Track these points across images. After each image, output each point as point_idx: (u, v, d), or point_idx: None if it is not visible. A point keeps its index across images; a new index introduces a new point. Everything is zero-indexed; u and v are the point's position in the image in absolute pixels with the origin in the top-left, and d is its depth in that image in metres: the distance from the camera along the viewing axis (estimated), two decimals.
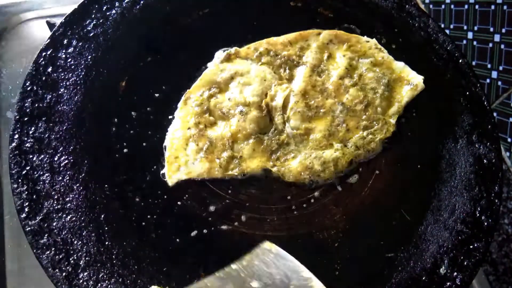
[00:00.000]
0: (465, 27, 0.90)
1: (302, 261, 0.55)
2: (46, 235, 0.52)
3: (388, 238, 0.57)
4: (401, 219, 0.58)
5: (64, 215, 0.54)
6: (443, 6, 0.96)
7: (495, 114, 0.84)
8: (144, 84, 0.62)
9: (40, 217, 0.53)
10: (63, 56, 0.61)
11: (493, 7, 0.81)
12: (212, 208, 0.57)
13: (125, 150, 0.58)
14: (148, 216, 0.55)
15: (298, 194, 0.59)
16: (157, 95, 0.61)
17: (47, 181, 0.55)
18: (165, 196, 0.57)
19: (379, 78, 0.63)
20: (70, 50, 0.61)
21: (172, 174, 0.57)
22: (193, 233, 0.55)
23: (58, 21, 0.64)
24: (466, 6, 0.88)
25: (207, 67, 0.63)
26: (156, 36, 0.64)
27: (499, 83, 0.83)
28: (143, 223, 0.55)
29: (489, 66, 0.85)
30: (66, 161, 0.56)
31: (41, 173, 0.55)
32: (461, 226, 0.57)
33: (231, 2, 0.67)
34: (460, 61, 0.65)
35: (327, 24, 0.67)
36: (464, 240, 0.56)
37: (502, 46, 0.81)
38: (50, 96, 0.59)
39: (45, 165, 0.55)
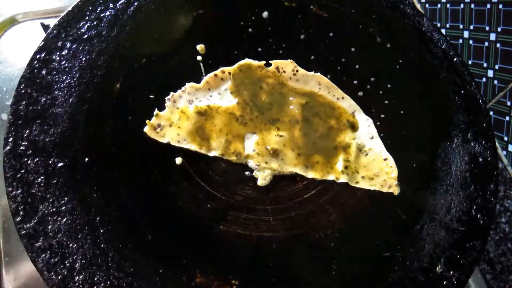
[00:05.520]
0: (461, 26, 0.90)
1: (298, 261, 0.55)
2: (41, 238, 0.52)
3: (384, 237, 0.56)
4: (397, 218, 0.58)
5: (59, 218, 0.53)
6: (439, 6, 0.96)
7: (491, 113, 0.84)
8: (139, 86, 0.62)
9: (35, 221, 0.53)
10: (57, 58, 0.61)
11: (488, 6, 0.81)
12: (208, 209, 0.57)
13: (120, 153, 0.58)
14: (144, 219, 0.55)
15: (294, 195, 0.59)
16: (152, 96, 0.61)
17: (42, 184, 0.55)
18: (161, 198, 0.57)
19: None
20: (64, 52, 0.61)
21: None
22: (189, 235, 0.55)
23: (52, 22, 0.64)
24: (462, 5, 0.89)
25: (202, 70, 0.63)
26: (150, 37, 0.64)
27: (495, 81, 0.83)
28: (139, 226, 0.55)
29: (485, 65, 0.85)
30: (61, 163, 0.56)
31: (36, 176, 0.55)
32: (457, 225, 0.57)
33: (225, 2, 0.67)
34: (455, 59, 0.65)
35: (322, 24, 0.67)
36: (460, 239, 0.56)
37: (498, 45, 0.81)
38: (44, 99, 0.58)
39: (40, 168, 0.55)
